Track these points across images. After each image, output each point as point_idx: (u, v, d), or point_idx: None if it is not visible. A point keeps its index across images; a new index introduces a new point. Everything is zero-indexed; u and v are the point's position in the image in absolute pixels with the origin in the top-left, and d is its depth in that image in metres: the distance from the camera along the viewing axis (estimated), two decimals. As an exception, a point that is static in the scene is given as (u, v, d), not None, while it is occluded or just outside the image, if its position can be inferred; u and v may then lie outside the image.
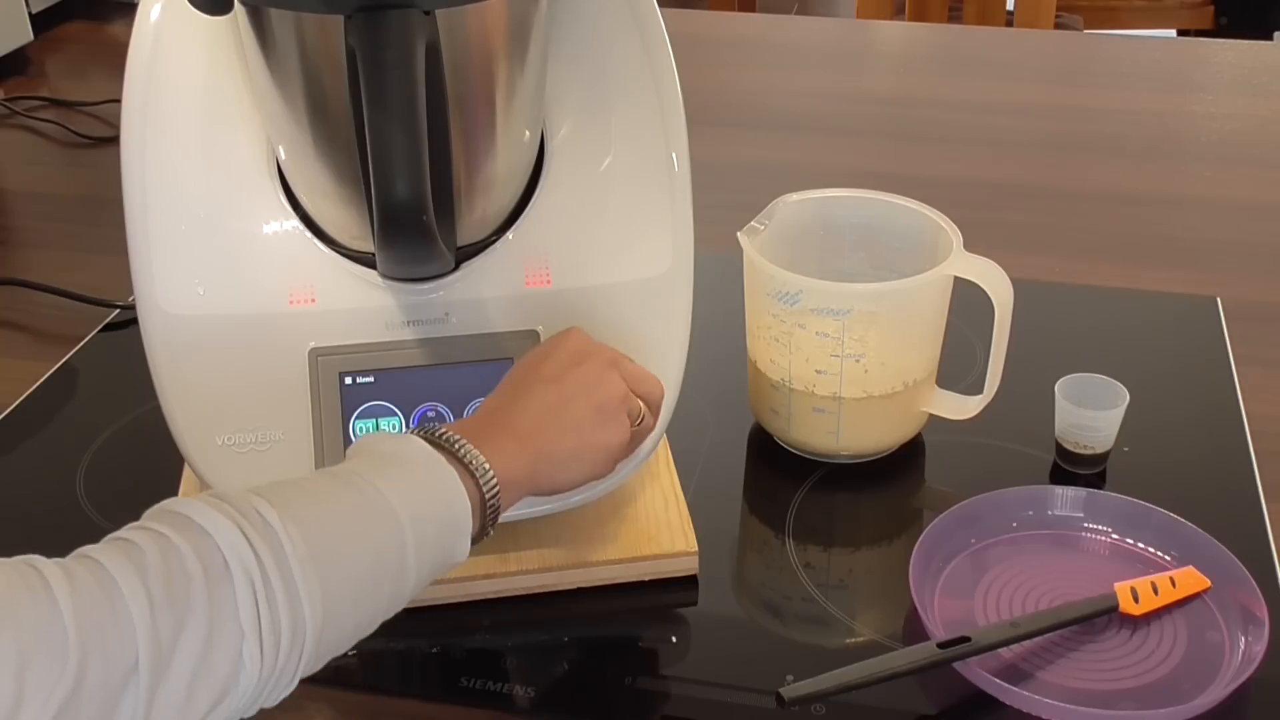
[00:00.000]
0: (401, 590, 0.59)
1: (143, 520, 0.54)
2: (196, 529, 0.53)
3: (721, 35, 1.77)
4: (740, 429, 0.94)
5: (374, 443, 0.62)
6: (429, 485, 0.60)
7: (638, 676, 0.73)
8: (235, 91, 0.75)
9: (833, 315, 0.83)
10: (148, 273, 0.74)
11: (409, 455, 0.61)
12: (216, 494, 0.55)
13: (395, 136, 0.62)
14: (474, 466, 0.62)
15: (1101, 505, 0.83)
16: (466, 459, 0.62)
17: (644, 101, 0.78)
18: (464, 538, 0.61)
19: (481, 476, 0.62)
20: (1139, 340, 1.04)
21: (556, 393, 0.68)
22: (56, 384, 1.00)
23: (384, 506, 0.58)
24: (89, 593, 0.48)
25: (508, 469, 0.63)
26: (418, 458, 0.61)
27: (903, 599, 0.77)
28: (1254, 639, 0.73)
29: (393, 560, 0.58)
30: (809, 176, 0.99)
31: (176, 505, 0.54)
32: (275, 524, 0.54)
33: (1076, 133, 1.45)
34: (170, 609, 0.50)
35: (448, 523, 0.60)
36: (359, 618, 0.57)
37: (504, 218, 0.79)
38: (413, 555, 0.58)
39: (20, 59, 1.66)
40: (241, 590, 0.52)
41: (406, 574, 0.58)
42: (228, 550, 0.52)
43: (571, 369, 0.69)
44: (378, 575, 0.57)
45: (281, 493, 0.56)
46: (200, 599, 0.51)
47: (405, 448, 0.62)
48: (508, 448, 0.64)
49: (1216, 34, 2.73)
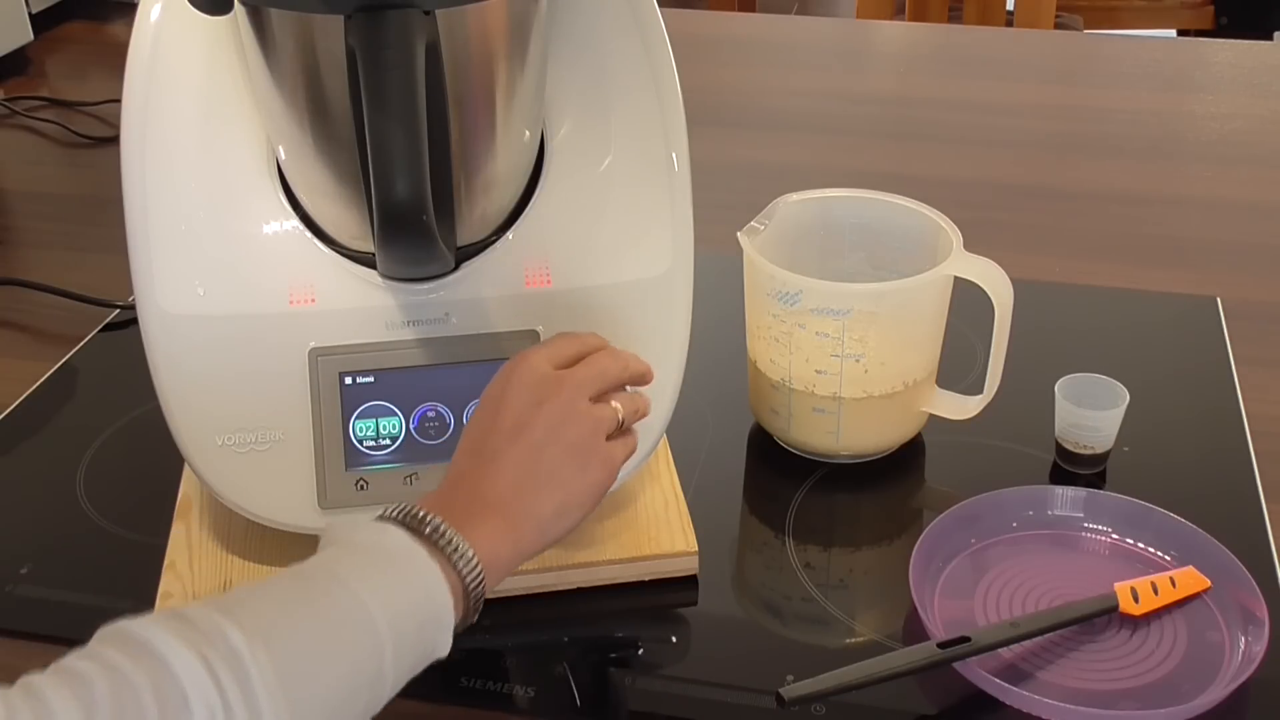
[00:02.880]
0: (379, 694, 0.56)
1: (96, 642, 0.50)
2: (154, 658, 0.49)
3: (721, 35, 1.77)
4: (740, 429, 0.94)
5: (350, 532, 0.59)
6: (409, 583, 0.57)
7: (638, 676, 0.73)
8: (235, 91, 0.75)
9: (833, 315, 0.83)
10: (148, 273, 0.74)
11: (388, 549, 0.58)
12: (178, 614, 0.51)
13: (395, 136, 0.62)
14: (456, 555, 0.59)
15: (1101, 505, 0.83)
16: (448, 549, 0.59)
17: (644, 101, 0.78)
18: (445, 632, 0.58)
19: (465, 566, 0.59)
20: (1139, 340, 1.04)
21: (526, 446, 0.64)
22: (56, 384, 1.00)
23: (361, 614, 0.55)
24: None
25: (492, 550, 0.60)
26: (397, 552, 0.58)
27: (903, 599, 0.77)
28: (1254, 639, 0.73)
29: (370, 670, 0.55)
30: (809, 176, 0.99)
31: (134, 628, 0.50)
32: (242, 649, 0.50)
33: (1076, 133, 1.45)
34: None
35: (428, 619, 0.57)
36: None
37: (504, 218, 0.79)
38: (390, 660, 0.55)
39: (20, 59, 1.66)
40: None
41: (384, 681, 0.55)
42: (188, 683, 0.48)
43: (533, 413, 0.65)
44: (353, 688, 0.54)
45: (250, 607, 0.53)
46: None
47: (383, 539, 0.58)
48: (489, 525, 0.61)
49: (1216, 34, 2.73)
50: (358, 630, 0.55)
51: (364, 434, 0.76)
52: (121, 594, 0.79)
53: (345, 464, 0.75)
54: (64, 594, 0.79)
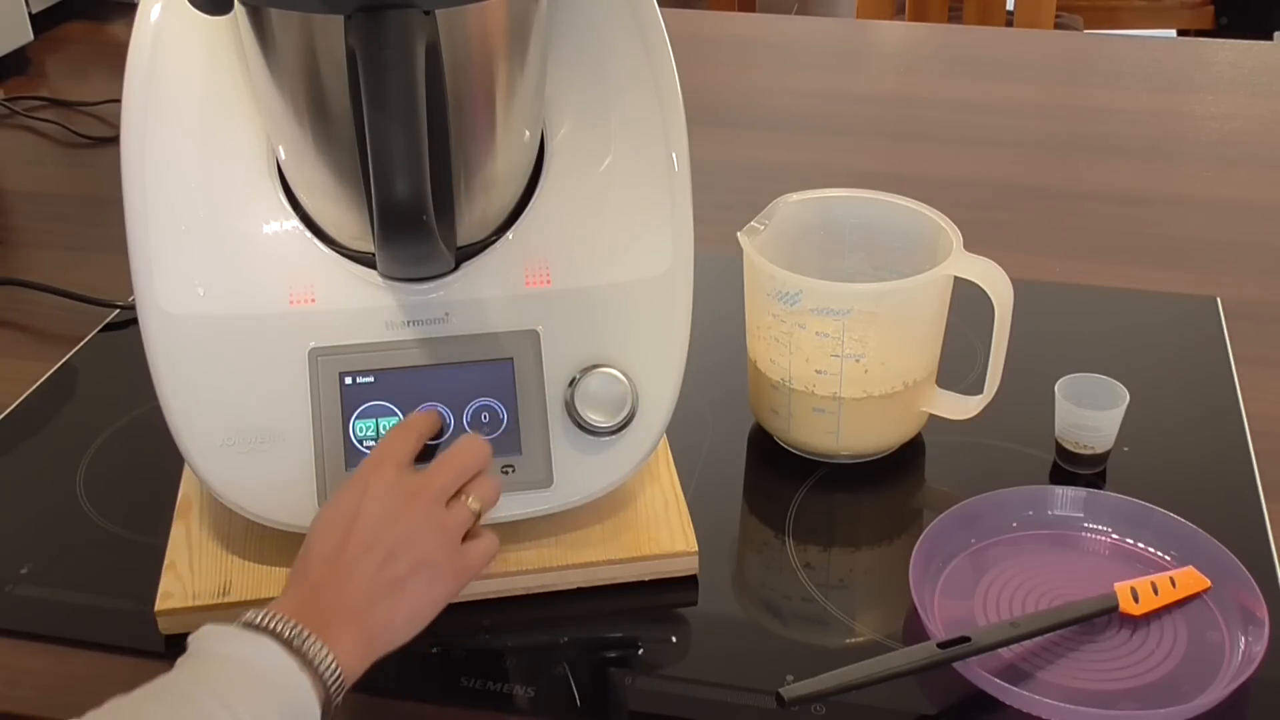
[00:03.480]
0: None
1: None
2: None
3: (721, 35, 1.77)
4: (740, 429, 0.94)
5: (222, 644, 0.60)
6: (284, 698, 0.59)
7: (638, 676, 0.73)
8: (235, 91, 0.75)
9: (833, 315, 0.83)
10: (148, 273, 0.74)
11: (264, 664, 0.59)
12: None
13: (395, 136, 0.62)
14: (322, 668, 0.61)
15: (1101, 505, 0.83)
16: (315, 661, 0.60)
17: (644, 101, 0.78)
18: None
19: (329, 677, 0.61)
20: (1139, 340, 1.04)
21: (379, 561, 0.65)
22: (56, 384, 1.00)
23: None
24: None
25: (349, 658, 0.62)
26: (273, 667, 0.59)
27: (903, 599, 0.77)
28: (1254, 639, 0.73)
29: None
30: (809, 176, 0.99)
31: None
32: None
33: (1076, 133, 1.45)
34: None
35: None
36: None
37: (504, 218, 0.79)
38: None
39: (20, 59, 1.66)
40: None
41: None
42: None
43: (387, 530, 0.66)
44: None
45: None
46: None
47: (259, 654, 0.60)
48: (346, 637, 0.63)
49: (1216, 34, 2.73)
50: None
51: (364, 434, 0.76)
52: (121, 594, 0.79)
53: (345, 464, 0.75)
54: (64, 594, 0.79)
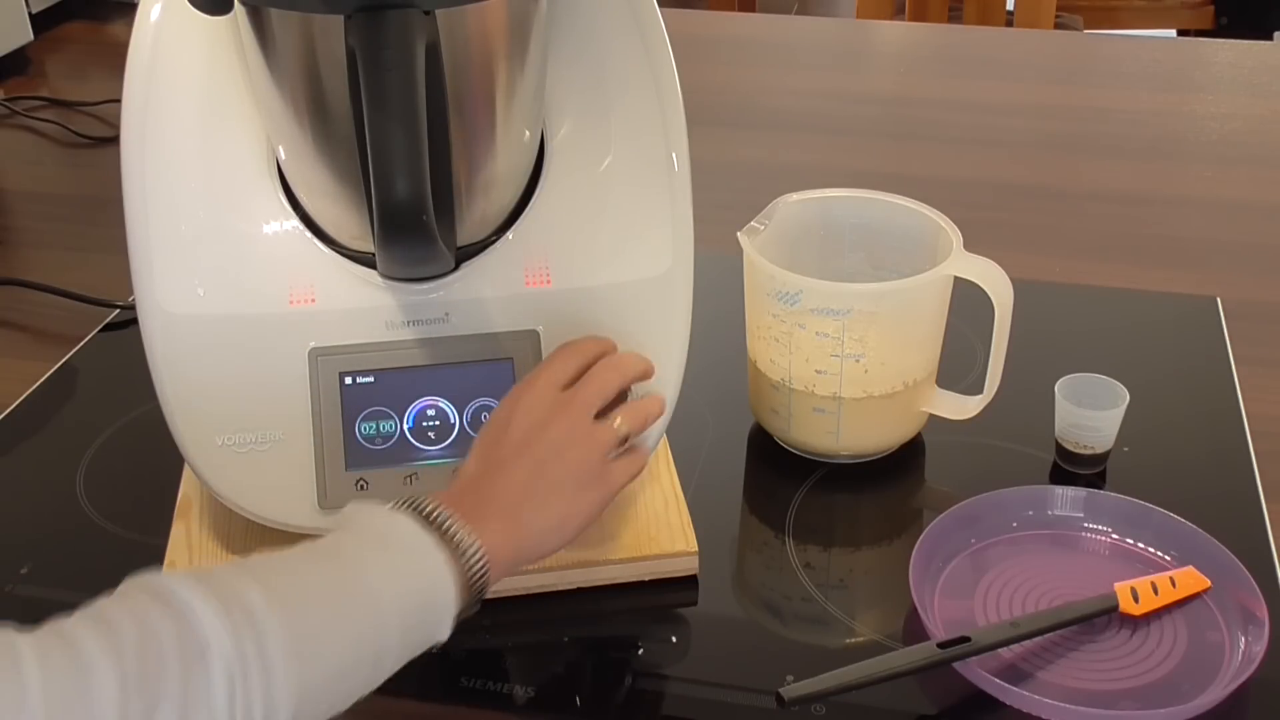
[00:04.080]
0: (380, 672, 0.59)
1: (123, 591, 0.54)
2: (178, 611, 0.52)
3: (721, 35, 1.77)
4: (740, 429, 0.94)
5: (365, 517, 0.62)
6: (416, 569, 0.60)
7: (638, 676, 0.73)
8: (235, 91, 0.75)
9: (833, 315, 0.83)
10: (148, 273, 0.74)
11: (398, 535, 0.61)
12: (202, 573, 0.55)
13: (395, 136, 0.62)
14: (463, 547, 0.62)
15: (1101, 505, 0.83)
16: (456, 540, 0.62)
17: (644, 101, 0.78)
18: (446, 619, 0.61)
19: (470, 558, 0.62)
20: (1139, 340, 1.04)
21: (532, 461, 0.67)
22: (56, 384, 1.00)
23: (370, 594, 0.58)
24: (61, 673, 0.48)
25: (494, 548, 0.63)
26: (406, 538, 0.61)
27: (903, 599, 0.77)
28: (1254, 639, 0.73)
29: (373, 645, 0.58)
30: (809, 176, 0.99)
31: (159, 581, 0.54)
32: (258, 609, 0.53)
33: (1076, 133, 1.45)
34: (142, 694, 0.49)
35: (431, 605, 0.61)
36: (334, 701, 0.57)
37: (504, 218, 0.79)
38: (394, 637, 0.59)
39: (20, 59, 1.66)
40: (218, 677, 0.51)
41: (386, 657, 0.59)
42: (208, 631, 0.51)
43: (539, 433, 0.68)
44: (358, 657, 0.58)
45: (270, 574, 0.56)
46: (174, 686, 0.50)
47: (395, 526, 0.62)
48: (494, 525, 0.64)
49: (1216, 34, 2.73)
50: (366, 606, 0.58)
51: (364, 434, 0.76)
52: (121, 594, 0.79)
53: (345, 464, 0.75)
54: (64, 594, 0.78)
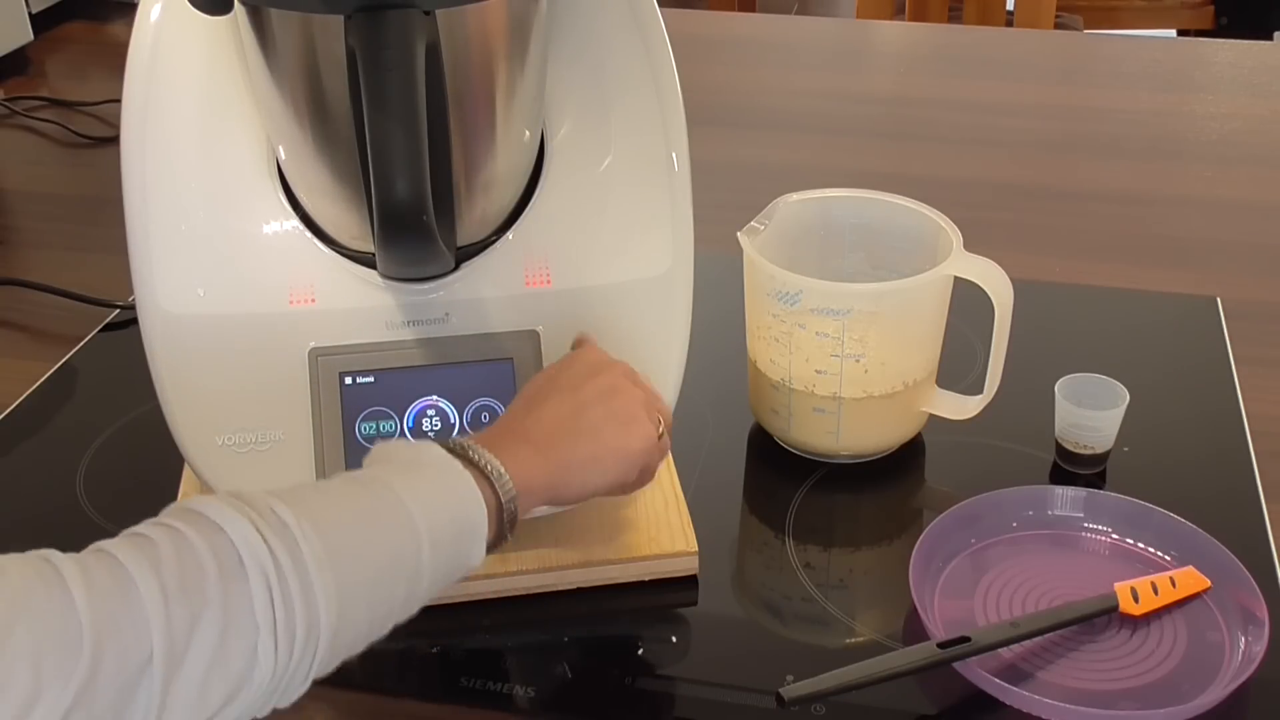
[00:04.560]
0: (415, 592, 0.59)
1: (158, 517, 0.55)
2: (212, 525, 0.53)
3: (721, 35, 1.77)
4: (740, 429, 0.94)
5: (391, 449, 0.63)
6: (445, 490, 0.61)
7: (638, 676, 0.73)
8: (235, 91, 0.75)
9: (833, 315, 0.83)
10: (148, 273, 0.74)
11: (426, 461, 0.62)
12: (233, 493, 0.55)
13: (395, 136, 0.62)
14: (490, 472, 0.62)
15: (1101, 505, 0.83)
16: (483, 465, 0.62)
17: (644, 101, 0.78)
18: (479, 542, 0.61)
19: (498, 481, 0.62)
20: (1139, 340, 1.04)
21: (573, 399, 0.68)
22: (56, 384, 1.00)
23: (400, 509, 0.58)
24: (103, 586, 0.49)
25: (525, 475, 0.64)
26: (434, 463, 0.61)
27: (903, 599, 0.77)
28: (1254, 639, 0.73)
29: (408, 562, 0.58)
30: (809, 176, 0.99)
31: (192, 503, 0.55)
32: (290, 522, 0.54)
33: (1076, 133, 1.45)
34: (185, 602, 0.50)
35: (464, 527, 0.61)
36: (373, 618, 0.57)
37: (504, 218, 0.79)
38: (428, 557, 0.58)
39: (20, 59, 1.66)
40: (256, 586, 0.52)
41: (421, 576, 0.59)
42: (242, 546, 0.52)
43: (588, 379, 0.69)
44: (393, 575, 0.58)
45: (298, 493, 0.57)
46: (215, 593, 0.51)
47: (422, 454, 0.62)
48: (524, 454, 0.65)
49: (1216, 34, 2.73)
50: (398, 523, 0.58)
51: (364, 434, 0.76)
52: (121, 594, 0.79)
53: (345, 464, 0.75)
54: (64, 594, 0.79)
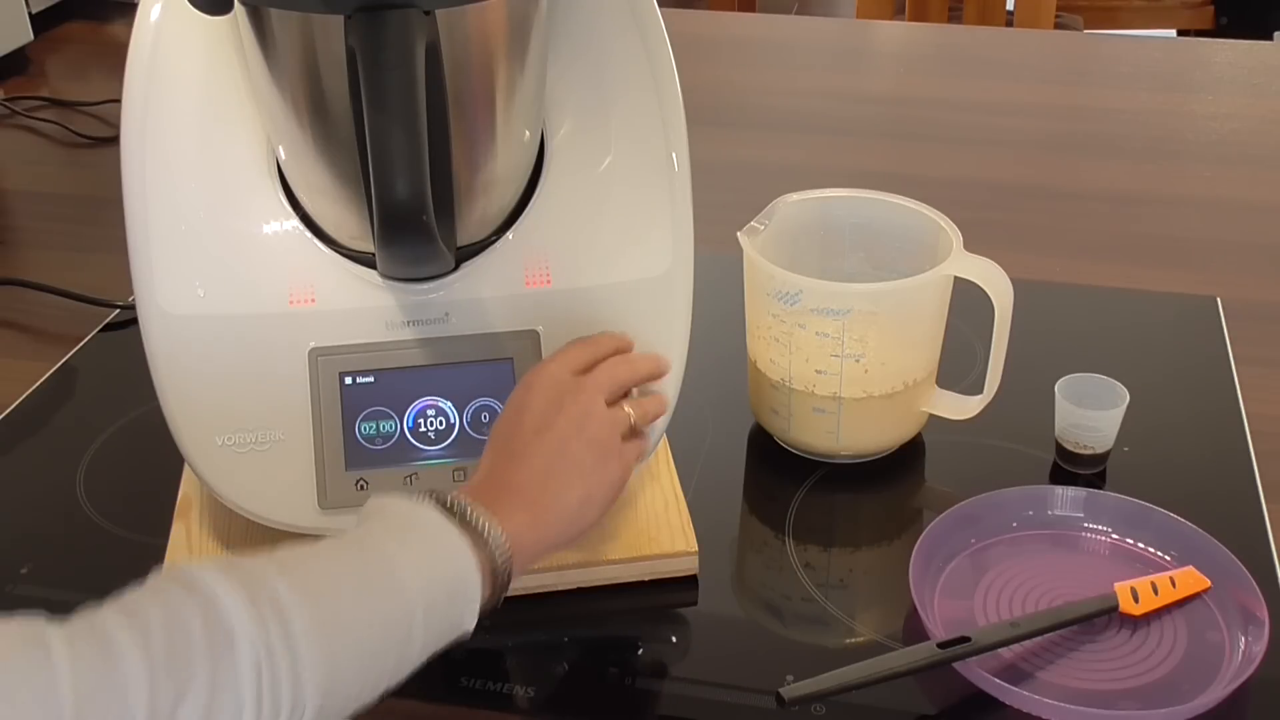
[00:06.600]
0: (407, 658, 0.59)
1: (151, 581, 0.54)
2: (205, 595, 0.52)
3: (721, 35, 1.77)
4: (740, 429, 0.94)
5: (387, 505, 0.62)
6: (440, 554, 0.60)
7: (638, 676, 0.73)
8: (235, 91, 0.75)
9: (832, 315, 0.83)
10: (148, 273, 0.74)
11: (421, 523, 0.61)
12: (227, 562, 0.55)
13: (395, 136, 0.62)
14: (487, 534, 0.62)
15: (1101, 505, 0.83)
16: (479, 526, 0.62)
17: (644, 101, 0.78)
18: (473, 606, 0.61)
19: (494, 544, 0.62)
20: (1139, 340, 1.04)
21: (551, 442, 0.67)
22: (56, 384, 1.00)
23: (395, 575, 0.58)
24: (90, 660, 0.48)
25: (519, 534, 0.63)
26: (430, 527, 0.61)
27: (903, 599, 0.77)
28: (1254, 639, 0.73)
29: (400, 630, 0.58)
30: (809, 176, 0.99)
31: (186, 571, 0.54)
32: (283, 594, 0.54)
33: (1076, 133, 1.45)
34: (171, 676, 0.49)
35: (456, 592, 0.60)
36: (363, 685, 0.57)
37: (504, 218, 0.79)
38: (420, 625, 0.58)
39: (20, 59, 1.66)
40: (244, 661, 0.51)
41: (412, 643, 0.59)
42: (234, 619, 0.52)
43: (555, 414, 0.68)
44: (384, 645, 0.57)
45: (293, 561, 0.57)
46: (202, 667, 0.50)
47: (418, 515, 0.62)
48: (517, 511, 0.64)
49: (1216, 34, 2.73)
50: (392, 590, 0.58)
51: (364, 434, 0.76)
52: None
53: (345, 464, 0.75)
54: (64, 594, 0.79)
